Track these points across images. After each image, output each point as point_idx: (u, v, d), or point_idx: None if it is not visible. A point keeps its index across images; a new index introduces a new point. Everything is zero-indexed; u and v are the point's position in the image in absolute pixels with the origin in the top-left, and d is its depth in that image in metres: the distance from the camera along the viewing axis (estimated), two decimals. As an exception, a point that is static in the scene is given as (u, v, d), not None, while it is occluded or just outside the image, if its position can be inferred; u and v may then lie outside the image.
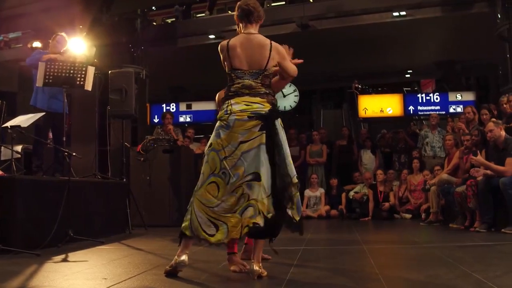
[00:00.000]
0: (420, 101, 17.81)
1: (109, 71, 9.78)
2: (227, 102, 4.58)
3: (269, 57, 4.59)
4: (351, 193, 12.81)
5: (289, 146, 4.76)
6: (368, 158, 13.90)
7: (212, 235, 4.40)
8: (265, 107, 4.52)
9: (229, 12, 20.64)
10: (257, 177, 4.42)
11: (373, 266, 5.04)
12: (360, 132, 16.37)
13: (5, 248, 5.95)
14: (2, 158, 7.94)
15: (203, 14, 20.06)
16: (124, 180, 9.59)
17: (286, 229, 4.54)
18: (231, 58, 4.61)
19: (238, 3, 4.82)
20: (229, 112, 4.51)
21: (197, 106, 19.85)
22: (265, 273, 4.44)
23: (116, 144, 10.75)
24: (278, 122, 4.57)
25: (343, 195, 12.98)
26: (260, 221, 4.33)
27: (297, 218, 4.52)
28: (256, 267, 4.35)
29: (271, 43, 4.64)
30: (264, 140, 4.45)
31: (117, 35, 15.80)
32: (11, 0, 15.31)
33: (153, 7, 21.79)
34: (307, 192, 13.13)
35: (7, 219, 6.18)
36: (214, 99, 5.39)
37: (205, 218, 4.41)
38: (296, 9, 16.80)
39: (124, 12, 17.45)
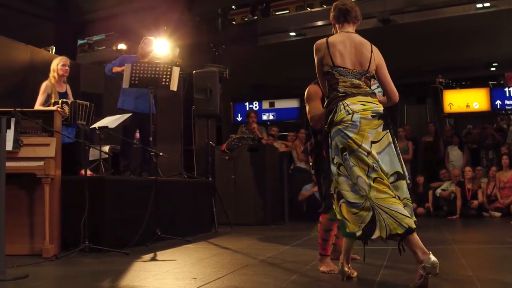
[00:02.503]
0: (507, 95, 17.23)
1: (194, 71, 9.89)
2: (341, 103, 4.25)
3: (371, 57, 4.37)
4: (438, 191, 12.54)
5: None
6: (455, 154, 13.54)
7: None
8: (379, 106, 4.29)
9: (308, 9, 20.60)
10: (400, 176, 4.25)
11: (466, 268, 4.93)
12: (445, 128, 15.98)
13: (95, 247, 6.13)
14: (91, 159, 8.12)
15: (283, 12, 20.06)
16: (210, 179, 9.69)
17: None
18: (332, 55, 4.35)
19: (335, 3, 4.61)
20: (350, 112, 4.19)
21: (280, 104, 19.84)
22: (355, 273, 4.41)
23: (201, 143, 10.88)
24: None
25: (430, 192, 12.72)
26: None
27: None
28: (345, 268, 4.30)
29: (371, 44, 4.43)
30: (391, 139, 4.24)
31: (198, 35, 15.95)
32: (96, 3, 15.68)
33: (233, 6, 21.94)
34: (393, 189, 12.90)
35: (96, 219, 6.31)
36: (296, 97, 5.26)
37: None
38: (376, 4, 16.55)
39: (205, 12, 17.64)
